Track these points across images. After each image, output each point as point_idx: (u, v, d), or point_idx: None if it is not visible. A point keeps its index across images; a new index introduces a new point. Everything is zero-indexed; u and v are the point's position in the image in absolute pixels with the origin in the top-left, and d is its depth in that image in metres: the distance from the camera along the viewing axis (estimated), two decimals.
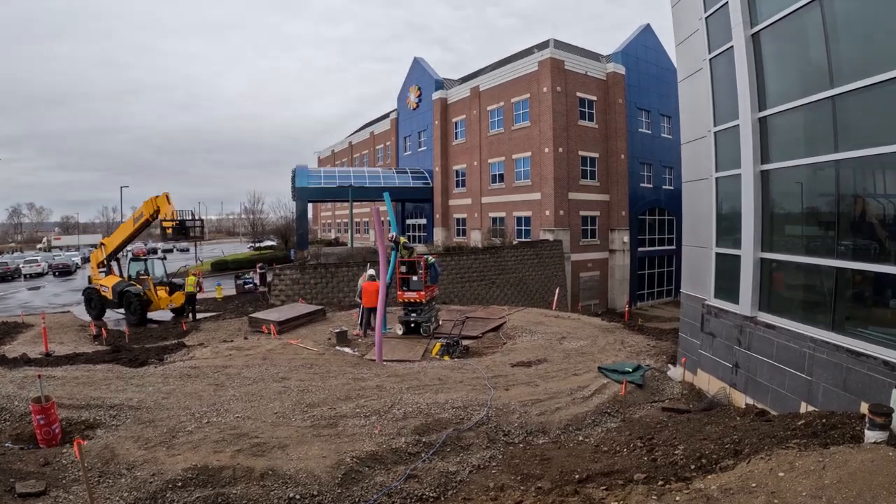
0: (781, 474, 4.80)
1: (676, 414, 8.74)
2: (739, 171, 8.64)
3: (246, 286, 32.66)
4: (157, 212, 22.44)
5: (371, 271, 18.69)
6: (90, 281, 25.40)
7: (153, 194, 23.02)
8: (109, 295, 23.33)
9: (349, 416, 8.66)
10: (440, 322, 18.52)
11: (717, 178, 9.63)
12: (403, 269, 17.70)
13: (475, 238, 41.71)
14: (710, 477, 5.37)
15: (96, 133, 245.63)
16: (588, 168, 38.04)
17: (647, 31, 41.56)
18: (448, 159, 46.60)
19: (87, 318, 23.90)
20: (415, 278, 17.53)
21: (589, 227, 38.35)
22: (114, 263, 24.92)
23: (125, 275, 24.13)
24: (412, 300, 17.47)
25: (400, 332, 17.40)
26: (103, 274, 24.65)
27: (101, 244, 25.34)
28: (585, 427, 8.58)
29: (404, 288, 17.58)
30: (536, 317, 19.75)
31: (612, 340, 15.13)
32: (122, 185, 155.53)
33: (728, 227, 9.40)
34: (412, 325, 17.42)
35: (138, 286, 23.08)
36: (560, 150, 35.81)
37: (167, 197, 22.19)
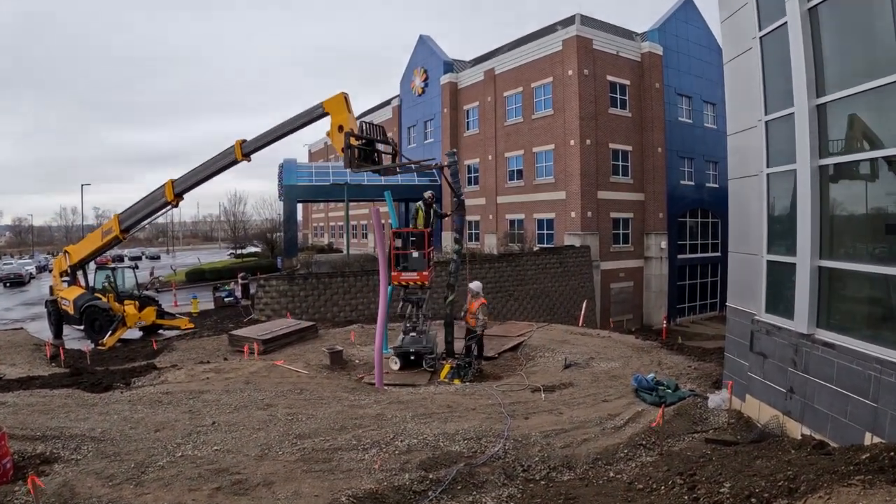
0: None
1: (722, 446, 8.72)
2: (794, 167, 8.63)
3: (226, 299, 32.89)
4: (232, 159, 19.66)
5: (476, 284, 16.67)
6: (52, 292, 25.69)
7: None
8: (70, 309, 23.54)
9: (345, 448, 8.71)
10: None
11: (768, 175, 9.62)
12: (398, 242, 16.17)
13: (490, 243, 41.78)
14: None
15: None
16: (620, 163, 38.07)
17: (687, 4, 41.63)
18: (459, 153, 46.79)
19: (43, 335, 24.13)
20: (415, 254, 15.89)
21: (621, 231, 38.33)
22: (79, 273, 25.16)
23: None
24: (412, 282, 16.06)
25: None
26: (65, 285, 24.92)
27: (65, 252, 25.61)
28: (617, 461, 8.58)
29: (400, 267, 15.99)
30: (561, 334, 19.74)
31: (648, 361, 15.11)
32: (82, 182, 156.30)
33: (781, 231, 9.38)
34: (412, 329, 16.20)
35: (105, 300, 23.31)
36: (588, 142, 35.87)
37: (346, 99, 16.37)
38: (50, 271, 36.06)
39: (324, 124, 16.64)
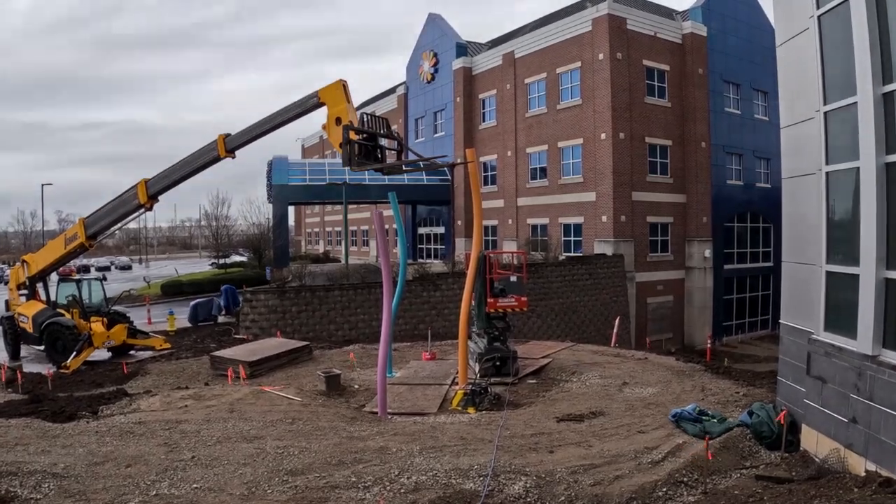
0: None
1: (775, 484, 8.71)
2: (857, 164, 8.63)
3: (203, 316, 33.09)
4: (215, 155, 19.54)
5: None
6: (7, 307, 25.86)
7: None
8: (29, 327, 23.67)
9: (343, 486, 8.75)
10: None
11: (827, 173, 9.62)
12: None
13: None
14: None
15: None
16: (658, 160, 38.01)
17: None
18: (473, 148, 46.78)
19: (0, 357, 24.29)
20: (513, 277, 17.87)
21: (659, 238, 38.22)
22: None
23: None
24: (511, 310, 17.59)
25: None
26: (24, 299, 25.09)
27: (23, 261, 25.78)
28: (655, 501, 8.58)
29: (496, 291, 17.61)
30: (590, 355, 19.73)
31: (690, 387, 15.08)
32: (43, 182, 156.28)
33: (842, 238, 9.37)
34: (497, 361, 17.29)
35: (69, 316, 23.44)
36: (621, 135, 35.84)
37: (344, 87, 16.47)
38: (5, 283, 36.32)
39: (319, 116, 16.73)
